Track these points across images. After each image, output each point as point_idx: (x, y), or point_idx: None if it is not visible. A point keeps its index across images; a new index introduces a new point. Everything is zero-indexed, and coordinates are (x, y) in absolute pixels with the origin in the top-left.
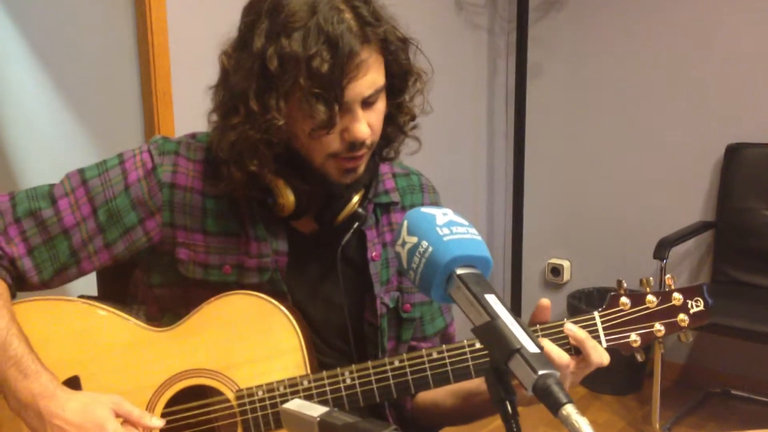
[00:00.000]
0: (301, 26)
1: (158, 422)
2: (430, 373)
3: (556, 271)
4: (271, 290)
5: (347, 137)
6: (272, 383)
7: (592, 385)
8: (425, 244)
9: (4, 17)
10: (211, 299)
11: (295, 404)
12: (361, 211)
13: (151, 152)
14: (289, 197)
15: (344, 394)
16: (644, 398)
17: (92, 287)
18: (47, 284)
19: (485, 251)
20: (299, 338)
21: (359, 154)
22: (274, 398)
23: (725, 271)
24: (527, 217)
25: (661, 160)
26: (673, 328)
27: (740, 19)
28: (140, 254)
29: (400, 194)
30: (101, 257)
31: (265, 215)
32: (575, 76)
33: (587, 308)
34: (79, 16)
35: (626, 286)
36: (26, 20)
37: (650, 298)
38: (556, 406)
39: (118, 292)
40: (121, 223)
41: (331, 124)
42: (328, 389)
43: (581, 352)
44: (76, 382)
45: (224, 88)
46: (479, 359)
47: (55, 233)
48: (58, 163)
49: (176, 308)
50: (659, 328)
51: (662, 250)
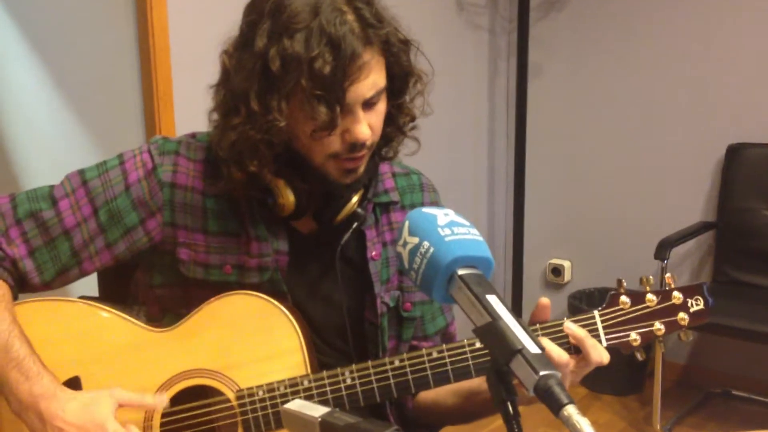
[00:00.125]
0: (303, 27)
1: (158, 399)
2: (430, 372)
3: (556, 271)
4: (271, 290)
5: (348, 138)
6: (273, 383)
7: (592, 385)
8: (426, 244)
9: (4, 17)
10: (211, 299)
11: (296, 404)
12: (360, 210)
13: (151, 152)
14: (289, 197)
15: (345, 393)
16: (645, 398)
17: (93, 288)
18: (48, 285)
19: (487, 252)
20: (299, 338)
21: (359, 154)
22: (274, 398)
23: (726, 271)
24: (528, 217)
25: (662, 160)
26: (673, 326)
27: (740, 19)
28: (141, 254)
29: (399, 193)
30: (102, 258)
31: (265, 215)
32: (576, 76)
33: (588, 308)
34: (79, 15)
35: (626, 285)
36: (27, 20)
37: (650, 296)
38: (557, 406)
39: (118, 292)
40: (121, 223)
41: (332, 125)
42: (328, 389)
43: (581, 351)
44: (76, 382)
45: (225, 87)
46: (479, 359)
47: (56, 234)
48: (58, 163)
49: (177, 308)
50: (659, 326)
51: (663, 250)
